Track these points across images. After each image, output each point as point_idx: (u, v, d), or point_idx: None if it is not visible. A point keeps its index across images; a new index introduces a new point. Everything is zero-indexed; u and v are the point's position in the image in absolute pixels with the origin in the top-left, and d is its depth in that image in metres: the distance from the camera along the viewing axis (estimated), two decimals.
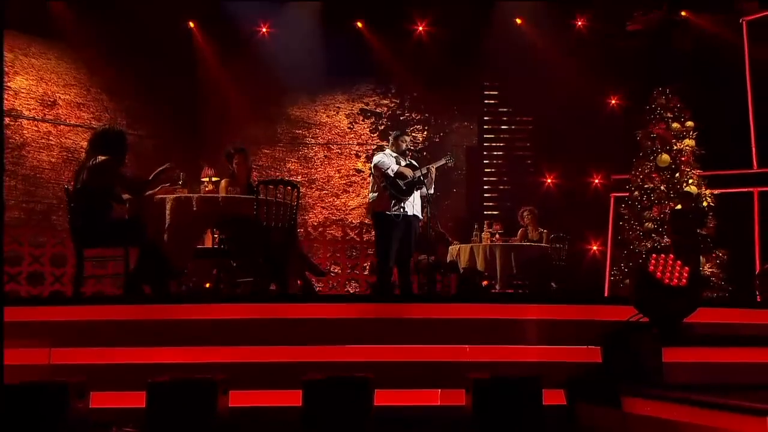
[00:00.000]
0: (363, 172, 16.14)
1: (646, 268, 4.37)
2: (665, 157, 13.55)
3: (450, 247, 10.48)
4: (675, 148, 13.70)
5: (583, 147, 15.44)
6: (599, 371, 4.46)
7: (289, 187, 7.12)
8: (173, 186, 7.18)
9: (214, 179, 7.32)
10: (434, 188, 9.05)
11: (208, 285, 8.27)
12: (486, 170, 16.24)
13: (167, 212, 6.50)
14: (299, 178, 16.11)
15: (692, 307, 4.45)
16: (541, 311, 4.66)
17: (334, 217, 16.03)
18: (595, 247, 15.81)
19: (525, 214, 11.08)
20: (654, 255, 4.43)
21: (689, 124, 13.88)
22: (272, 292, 6.51)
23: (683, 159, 13.62)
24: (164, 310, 4.57)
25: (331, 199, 16.15)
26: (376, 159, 8.75)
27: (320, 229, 15.79)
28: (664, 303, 4.39)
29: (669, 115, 13.87)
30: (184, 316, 4.53)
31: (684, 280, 4.39)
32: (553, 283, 10.32)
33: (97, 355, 4.40)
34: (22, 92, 14.57)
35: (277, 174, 16.09)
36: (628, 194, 14.47)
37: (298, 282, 7.61)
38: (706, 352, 4.27)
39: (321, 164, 16.29)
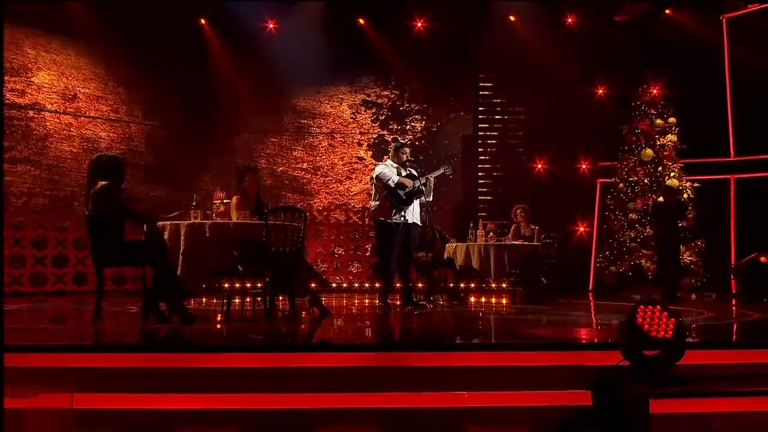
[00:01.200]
0: (365, 159, 16.01)
1: (634, 320, 4.26)
2: (649, 151, 13.41)
3: (447, 244, 10.38)
4: (658, 143, 13.55)
5: (572, 135, 15.34)
6: (590, 416, 4.38)
7: (297, 214, 6.98)
8: (186, 209, 7.03)
9: (225, 201, 7.17)
10: (432, 196, 8.91)
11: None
12: (480, 158, 16.08)
13: (182, 238, 6.40)
14: (305, 166, 16.01)
15: (677, 357, 4.36)
16: (536, 358, 4.57)
17: (338, 202, 15.91)
18: (582, 229, 15.75)
19: (518, 211, 10.89)
20: (641, 306, 4.30)
21: (672, 120, 13.73)
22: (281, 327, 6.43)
23: (666, 153, 13.49)
24: (180, 358, 4.46)
25: (335, 185, 16.02)
26: (377, 170, 8.63)
27: (325, 213, 15.69)
28: (650, 353, 4.31)
29: (653, 111, 13.73)
30: (199, 364, 4.42)
31: (670, 332, 4.28)
32: (543, 279, 10.28)
33: (118, 401, 4.31)
34: (45, 87, 14.38)
35: (284, 161, 15.99)
36: (613, 180, 14.36)
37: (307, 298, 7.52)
38: (693, 403, 4.17)
39: (325, 152, 16.13)
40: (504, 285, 11.87)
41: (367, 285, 14.78)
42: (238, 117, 15.76)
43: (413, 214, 8.52)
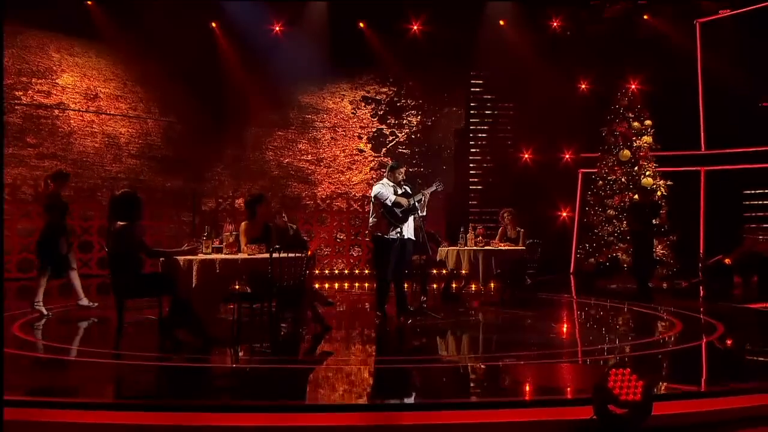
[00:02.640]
0: (365, 151, 16.50)
1: (605, 383, 4.58)
2: (626, 152, 13.89)
3: (440, 248, 10.66)
4: (635, 144, 14.03)
5: (557, 127, 15.99)
6: None
7: (299, 249, 7.11)
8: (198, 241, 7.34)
9: (234, 233, 7.52)
10: (430, 187, 9.03)
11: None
12: (472, 150, 16.68)
13: (194, 273, 6.61)
14: (309, 157, 16.47)
15: (645, 416, 4.68)
16: (518, 414, 4.87)
17: (340, 191, 16.44)
18: (564, 214, 16.39)
19: (505, 215, 11.08)
20: (613, 370, 4.63)
21: (648, 122, 14.21)
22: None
23: (641, 154, 14.00)
24: (193, 417, 4.83)
25: (337, 176, 16.52)
26: (375, 190, 8.76)
27: (327, 201, 16.25)
28: (620, 411, 4.64)
29: (630, 114, 14.20)
30: (208, 422, 4.75)
31: (639, 395, 4.57)
32: (528, 279, 10.73)
33: None
34: (68, 88, 14.86)
35: (290, 153, 16.45)
36: (595, 170, 14.86)
37: (309, 313, 7.85)
38: None
39: (328, 145, 16.61)
40: (492, 286, 11.92)
41: (366, 271, 15.34)
42: (248, 112, 16.20)
43: (408, 229, 8.76)
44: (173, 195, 15.81)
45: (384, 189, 8.68)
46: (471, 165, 16.63)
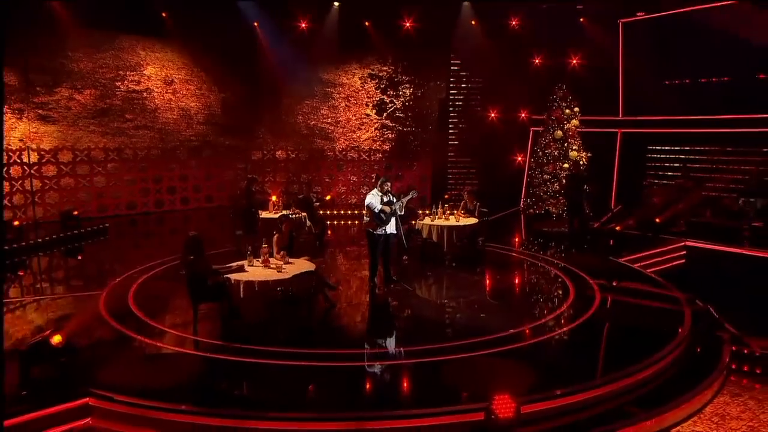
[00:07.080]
0: (370, 116, 20.15)
1: (491, 406, 5.68)
2: (559, 133, 17.30)
3: (417, 220, 13.40)
4: (566, 126, 17.35)
5: (515, 93, 19.51)
6: None
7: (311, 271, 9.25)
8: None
9: (269, 251, 9.49)
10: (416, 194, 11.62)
11: None
12: (451, 113, 20.31)
13: (240, 290, 8.60)
14: (329, 120, 20.21)
15: (515, 425, 5.81)
16: (435, 419, 6.14)
17: (352, 145, 20.28)
18: (519, 158, 20.38)
19: (466, 193, 14.14)
20: (497, 395, 5.67)
21: (576, 109, 17.42)
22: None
23: (570, 133, 17.33)
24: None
25: (350, 134, 20.28)
26: (367, 200, 10.66)
27: (344, 153, 20.20)
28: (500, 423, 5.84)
29: (563, 104, 17.45)
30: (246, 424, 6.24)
31: (512, 413, 5.72)
32: (479, 240, 14.13)
33: None
34: (152, 76, 18.63)
35: (315, 117, 20.18)
36: (542, 128, 18.21)
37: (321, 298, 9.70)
38: None
39: (343, 110, 20.20)
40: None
41: None
42: (283, 87, 19.71)
43: (391, 227, 10.79)
44: (231, 150, 19.90)
45: (374, 199, 10.62)
46: (450, 125, 20.27)
